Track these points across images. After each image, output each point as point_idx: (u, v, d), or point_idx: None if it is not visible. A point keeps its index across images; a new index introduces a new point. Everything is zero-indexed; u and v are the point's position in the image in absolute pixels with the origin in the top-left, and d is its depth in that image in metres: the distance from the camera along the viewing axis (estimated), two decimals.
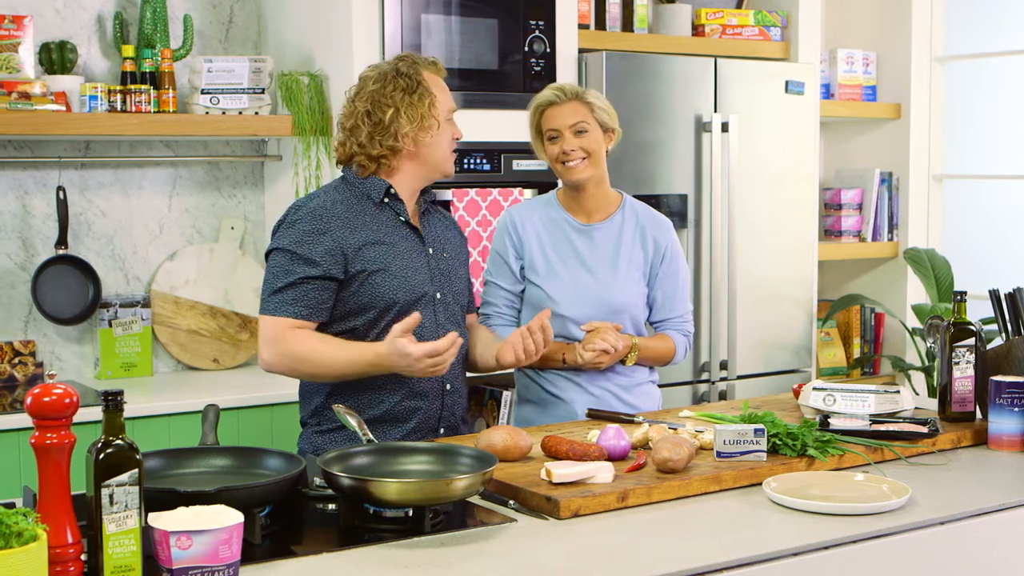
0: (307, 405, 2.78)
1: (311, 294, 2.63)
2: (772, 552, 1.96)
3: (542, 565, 1.89)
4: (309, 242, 2.64)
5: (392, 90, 2.70)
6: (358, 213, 2.70)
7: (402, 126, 2.69)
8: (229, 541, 1.71)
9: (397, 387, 2.69)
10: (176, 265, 4.01)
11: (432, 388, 2.75)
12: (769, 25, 4.64)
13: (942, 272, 4.85)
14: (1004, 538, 2.26)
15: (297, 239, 2.65)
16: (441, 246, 2.84)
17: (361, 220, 2.69)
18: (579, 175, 2.98)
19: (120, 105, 3.67)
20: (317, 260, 2.62)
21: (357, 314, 2.68)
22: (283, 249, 2.66)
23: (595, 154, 2.98)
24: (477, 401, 4.14)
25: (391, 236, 2.71)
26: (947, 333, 2.76)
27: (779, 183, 4.49)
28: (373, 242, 2.68)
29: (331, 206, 2.69)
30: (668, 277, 3.08)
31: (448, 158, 2.79)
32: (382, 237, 2.69)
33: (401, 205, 2.75)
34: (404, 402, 2.71)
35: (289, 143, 3.96)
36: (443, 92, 2.78)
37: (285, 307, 2.62)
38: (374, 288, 2.66)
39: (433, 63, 2.80)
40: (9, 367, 3.71)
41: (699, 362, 4.30)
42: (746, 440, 2.38)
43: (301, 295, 2.63)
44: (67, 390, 1.72)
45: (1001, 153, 5.05)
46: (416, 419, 2.73)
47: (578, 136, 2.96)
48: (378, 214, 2.72)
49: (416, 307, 2.69)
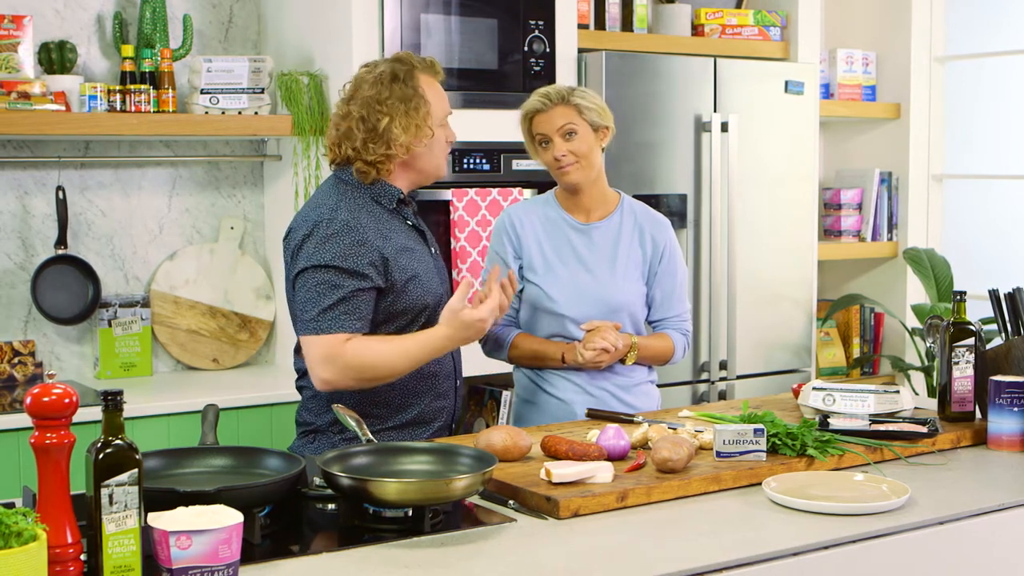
0: (327, 412, 2.70)
1: (362, 307, 2.59)
2: (772, 552, 1.96)
3: (542, 565, 1.89)
4: (353, 255, 2.58)
5: (387, 97, 2.66)
6: (381, 220, 2.67)
7: (396, 136, 2.65)
8: (229, 541, 1.71)
9: (424, 391, 2.72)
10: (176, 265, 4.01)
11: (450, 388, 2.80)
12: (769, 25, 4.64)
13: (942, 272, 4.85)
14: (1004, 538, 2.26)
15: (339, 253, 2.57)
16: (435, 245, 2.86)
17: (388, 227, 2.67)
18: (572, 178, 2.99)
19: (120, 105, 3.67)
20: (365, 272, 2.58)
21: (389, 322, 2.66)
22: (326, 266, 2.57)
23: (586, 156, 2.98)
24: (477, 401, 4.14)
25: (409, 241, 2.71)
26: (947, 333, 2.76)
27: (779, 183, 4.49)
28: (402, 249, 2.67)
29: (360, 216, 2.63)
30: (666, 276, 3.08)
31: (441, 163, 2.78)
32: (405, 243, 2.69)
33: (408, 209, 2.76)
34: (432, 403, 2.74)
35: (289, 143, 3.96)
36: (439, 97, 2.75)
37: (338, 322, 2.56)
38: (409, 294, 2.66)
39: (430, 64, 2.76)
40: (9, 367, 3.71)
41: (699, 362, 4.30)
42: (746, 440, 2.38)
43: (353, 308, 2.57)
44: (67, 390, 1.72)
45: (1001, 153, 5.05)
46: (440, 420, 2.77)
47: (567, 140, 2.96)
48: (391, 220, 2.71)
49: (439, 309, 2.69)
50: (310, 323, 2.57)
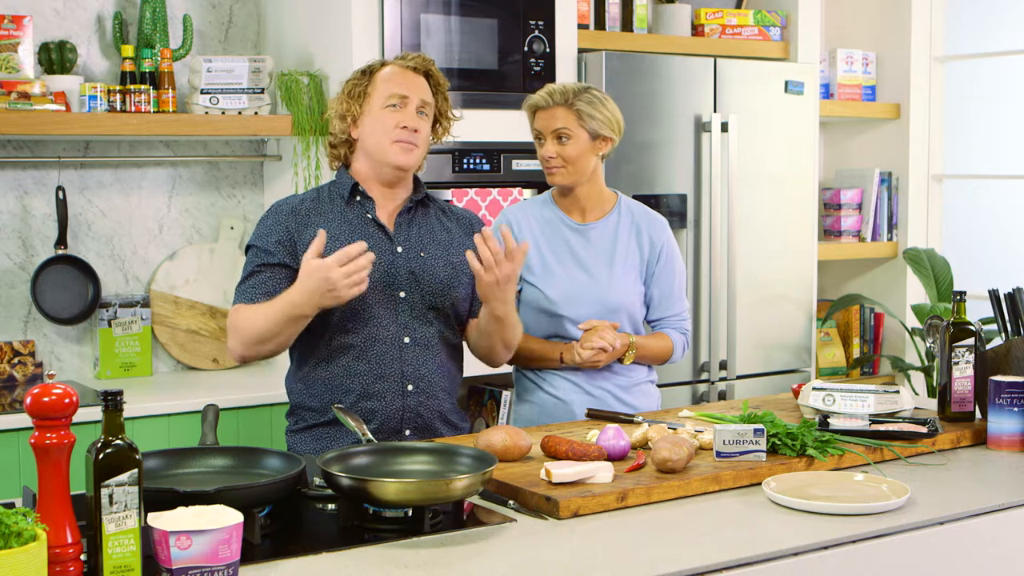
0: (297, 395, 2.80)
1: (267, 282, 2.68)
2: (771, 552, 1.96)
3: (541, 565, 1.89)
4: (265, 234, 2.72)
5: (346, 84, 2.80)
6: (324, 211, 2.74)
7: (334, 124, 2.78)
8: (228, 541, 1.71)
9: (351, 388, 2.68)
10: (176, 265, 4.01)
11: (389, 389, 2.69)
12: (769, 25, 4.64)
13: (941, 272, 4.85)
14: (1003, 538, 2.26)
15: (259, 232, 2.75)
16: (417, 245, 2.77)
17: (323, 217, 2.73)
18: (557, 180, 3.00)
19: (120, 105, 3.66)
20: (271, 250, 2.70)
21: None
22: (250, 245, 2.76)
23: (574, 162, 2.97)
24: (477, 401, 4.14)
25: (353, 233, 2.71)
26: (947, 333, 2.76)
27: (779, 183, 4.49)
28: (332, 239, 2.67)
29: (297, 203, 2.77)
30: (664, 275, 3.08)
31: (387, 147, 2.72)
32: (339, 234, 2.70)
33: (370, 203, 2.76)
34: (359, 403, 2.68)
35: (288, 143, 3.96)
36: (390, 81, 2.74)
37: (243, 295, 2.70)
38: None
39: (401, 57, 2.83)
40: (9, 367, 3.71)
41: (698, 362, 4.30)
42: (745, 440, 2.38)
43: (258, 283, 2.69)
44: (66, 390, 1.72)
45: (1000, 153, 5.06)
46: (376, 421, 2.68)
47: (559, 143, 2.96)
48: (346, 211, 2.75)
49: (374, 306, 2.68)
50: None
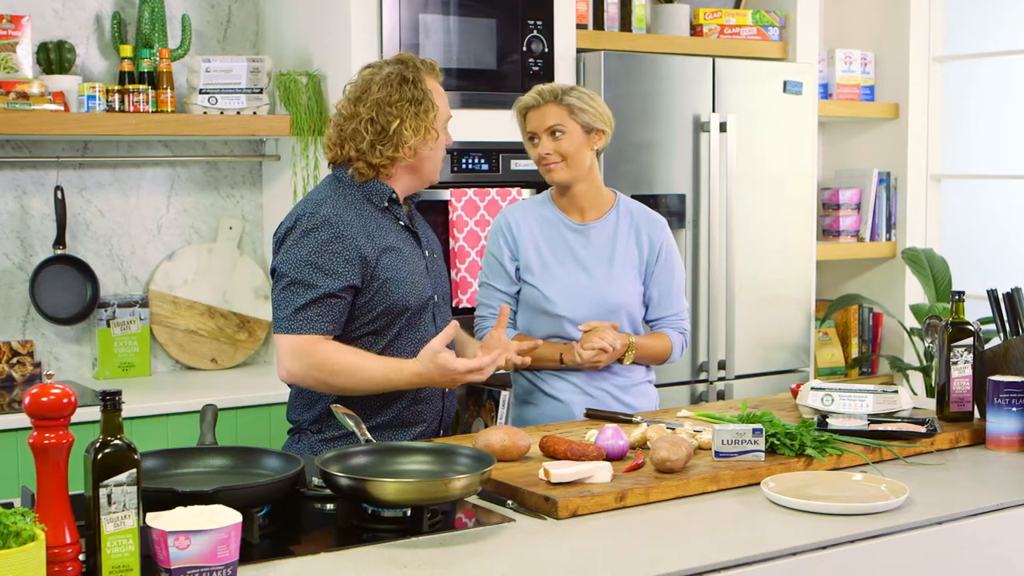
0: (308, 411, 2.72)
1: (335, 309, 2.58)
2: (770, 552, 1.96)
3: (541, 565, 1.89)
4: (329, 252, 2.58)
5: (398, 99, 2.66)
6: (368, 218, 2.66)
7: (407, 139, 2.66)
8: (227, 541, 1.71)
9: (403, 392, 2.69)
10: (174, 265, 4.01)
11: (435, 392, 2.76)
12: (767, 25, 4.64)
13: (940, 272, 4.85)
14: (1002, 538, 2.26)
15: (316, 249, 2.58)
16: (432, 247, 2.85)
17: (375, 226, 2.66)
18: (556, 177, 3.00)
19: (118, 105, 3.66)
20: (338, 270, 2.57)
21: (370, 321, 2.65)
22: (302, 262, 2.58)
23: (572, 157, 2.97)
24: (475, 401, 4.14)
25: (397, 241, 2.70)
26: (945, 333, 2.76)
27: (777, 183, 4.49)
28: (387, 248, 2.65)
29: (343, 213, 2.63)
30: (663, 275, 3.08)
31: (439, 167, 2.79)
32: (392, 242, 2.67)
33: (400, 209, 2.75)
34: (411, 407, 2.72)
35: (287, 143, 3.96)
36: (443, 100, 2.77)
37: (311, 324, 2.56)
38: (389, 295, 2.64)
39: (432, 67, 2.77)
40: (7, 367, 3.70)
41: (697, 362, 4.30)
42: (744, 440, 2.38)
43: (326, 310, 2.57)
44: (65, 390, 1.72)
45: (999, 153, 5.06)
46: (422, 424, 2.74)
47: (554, 139, 2.96)
48: (381, 219, 2.70)
49: (423, 312, 2.70)
50: (283, 322, 2.59)
